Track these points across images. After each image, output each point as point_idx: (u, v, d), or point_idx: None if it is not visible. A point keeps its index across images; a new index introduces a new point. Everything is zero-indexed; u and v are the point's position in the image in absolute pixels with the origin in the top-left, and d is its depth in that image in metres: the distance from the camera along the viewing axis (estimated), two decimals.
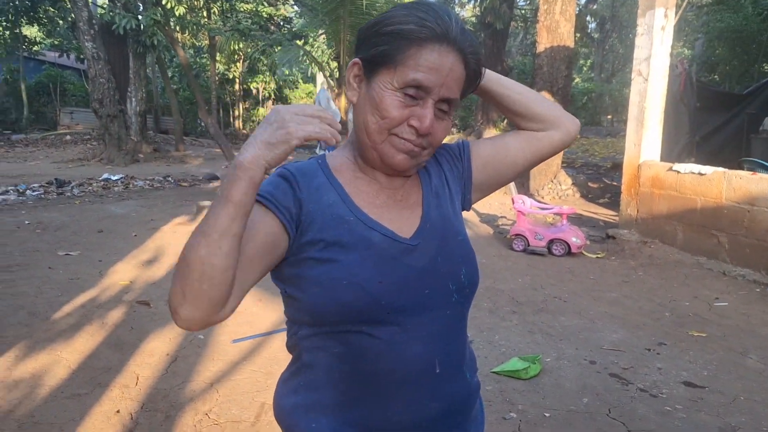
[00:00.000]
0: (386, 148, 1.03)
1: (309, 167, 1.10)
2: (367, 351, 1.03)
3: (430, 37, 0.99)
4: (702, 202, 6.08)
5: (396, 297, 1.02)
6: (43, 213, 8.33)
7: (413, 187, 1.17)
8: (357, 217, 1.05)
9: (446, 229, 1.14)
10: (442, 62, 0.99)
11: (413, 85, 0.99)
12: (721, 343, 4.01)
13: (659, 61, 6.80)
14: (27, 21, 19.07)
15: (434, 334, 1.07)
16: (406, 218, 1.12)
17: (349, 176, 1.11)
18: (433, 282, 1.07)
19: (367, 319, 1.02)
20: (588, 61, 38.97)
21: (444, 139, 1.09)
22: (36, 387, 3.23)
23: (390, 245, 1.05)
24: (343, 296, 1.00)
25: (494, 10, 18.90)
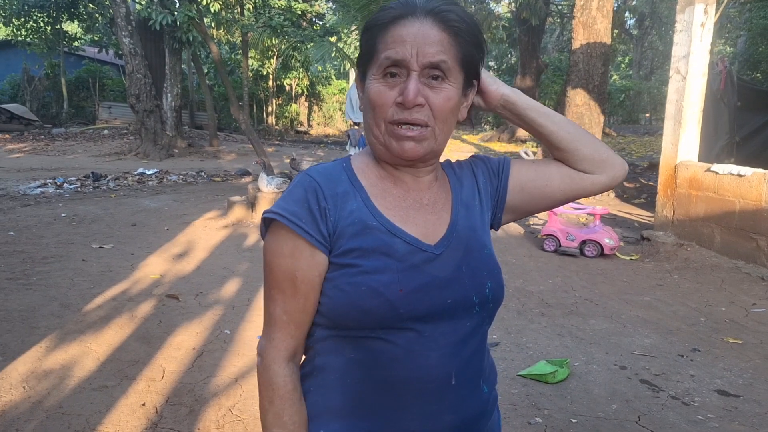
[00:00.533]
0: (390, 142, 1.02)
1: (333, 171, 1.09)
2: (383, 357, 1.01)
3: (395, 17, 1.00)
4: (741, 204, 5.90)
5: (416, 305, 1.00)
6: (79, 206, 8.51)
7: (442, 192, 1.14)
8: (380, 222, 1.03)
9: (472, 241, 1.11)
10: (407, 31, 0.98)
11: (389, 65, 0.99)
12: (757, 351, 3.88)
13: (698, 58, 6.61)
14: (67, 17, 19.48)
15: (452, 345, 1.04)
16: (431, 224, 1.09)
17: (374, 178, 1.09)
18: (456, 292, 1.04)
19: (386, 325, 1.00)
20: (626, 58, 38.29)
21: (451, 109, 1.03)
22: (65, 378, 3.29)
23: (413, 253, 1.03)
24: (363, 302, 0.98)
25: (530, 6, 18.68)
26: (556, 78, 24.42)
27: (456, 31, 1.01)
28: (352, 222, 1.02)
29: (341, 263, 1.01)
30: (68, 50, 24.39)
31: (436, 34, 0.99)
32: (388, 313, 0.99)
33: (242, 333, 3.98)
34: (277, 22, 12.09)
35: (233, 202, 7.82)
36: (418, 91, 0.98)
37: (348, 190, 1.05)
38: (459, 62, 1.02)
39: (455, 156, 6.19)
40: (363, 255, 1.01)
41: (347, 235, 1.02)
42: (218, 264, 5.66)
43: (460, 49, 1.02)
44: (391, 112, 0.99)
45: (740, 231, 5.93)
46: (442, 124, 1.02)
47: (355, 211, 1.03)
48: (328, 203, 1.02)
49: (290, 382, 1.04)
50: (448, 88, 1.01)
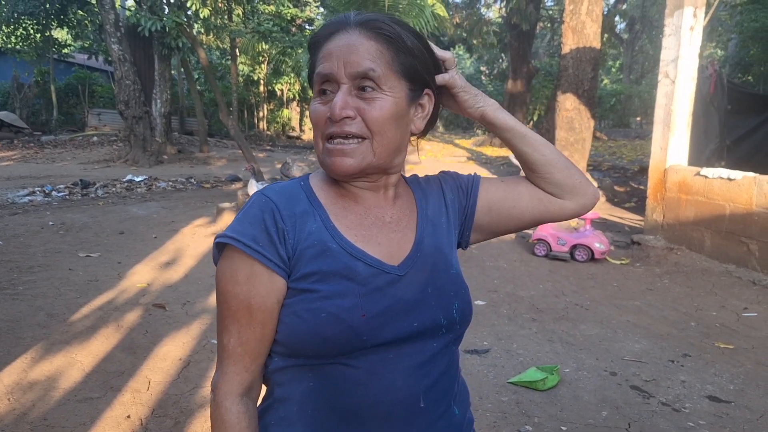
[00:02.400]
0: (325, 159, 0.99)
1: (291, 190, 1.04)
2: (345, 383, 0.96)
3: (326, 35, 0.99)
4: (731, 208, 5.90)
5: (380, 331, 0.95)
6: (67, 214, 8.44)
7: (406, 208, 1.09)
8: (340, 244, 0.98)
9: (439, 260, 1.07)
10: (335, 46, 0.96)
11: (321, 82, 0.97)
12: (748, 356, 3.86)
13: (687, 62, 6.62)
14: (57, 24, 19.38)
15: (419, 366, 0.99)
16: (395, 243, 1.04)
17: (333, 196, 1.04)
18: (422, 315, 1.00)
19: (347, 351, 0.95)
20: (617, 62, 38.47)
21: (389, 120, 0.97)
22: (50, 389, 3.24)
23: (376, 275, 0.98)
24: (323, 329, 0.93)
25: (520, 11, 18.74)
26: (547, 82, 24.52)
27: (387, 39, 0.97)
28: (311, 244, 0.97)
29: (300, 288, 0.96)
30: (58, 57, 24.25)
31: (363, 43, 0.95)
32: (350, 340, 0.94)
33: None
34: (266, 28, 12.07)
35: (222, 208, 7.77)
36: (345, 103, 0.94)
37: (307, 210, 1.00)
38: (395, 70, 0.97)
39: (448, 160, 6.25)
40: (323, 279, 0.95)
41: (306, 258, 0.96)
42: (206, 272, 5.62)
43: (395, 57, 0.97)
44: (325, 128, 0.97)
45: (730, 235, 5.93)
46: (379, 137, 0.96)
47: (314, 232, 0.98)
48: (287, 224, 0.97)
49: (244, 419, 0.97)
50: (383, 97, 0.96)
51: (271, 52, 20.97)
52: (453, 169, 1.23)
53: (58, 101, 23.47)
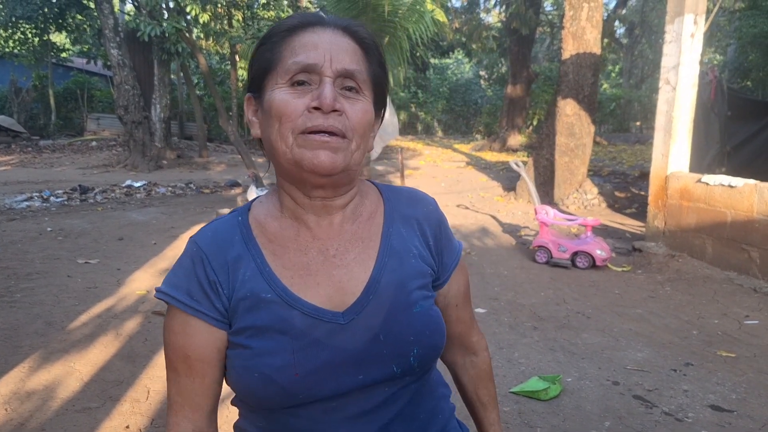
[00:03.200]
0: (301, 152, 0.87)
1: (225, 231, 0.97)
2: (291, 429, 0.94)
3: (301, 24, 0.92)
4: (732, 215, 5.89)
5: (317, 389, 0.90)
6: (66, 220, 8.41)
7: (360, 237, 0.98)
8: (276, 292, 0.91)
9: (398, 300, 0.95)
10: (319, 38, 0.89)
11: (298, 71, 0.88)
12: (751, 365, 3.84)
13: (688, 69, 6.62)
14: (55, 28, 19.38)
15: (366, 413, 0.94)
16: (339, 281, 0.95)
17: (273, 231, 0.97)
18: (370, 368, 0.92)
19: (284, 407, 0.92)
20: (617, 67, 38.53)
21: (368, 124, 0.92)
22: (48, 399, 3.21)
23: (313, 326, 0.91)
24: (254, 388, 0.90)
25: (520, 16, 18.78)
26: (547, 87, 24.53)
27: (366, 47, 0.94)
28: (244, 295, 0.92)
29: (236, 342, 0.92)
30: (56, 61, 24.27)
31: (350, 44, 0.92)
32: (284, 400, 0.90)
33: None
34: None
35: (222, 214, 7.73)
36: (335, 96, 0.87)
37: (241, 254, 0.94)
38: (370, 78, 0.94)
39: (447, 165, 6.22)
40: (256, 334, 0.90)
41: (240, 311, 0.92)
42: None
43: (370, 65, 0.94)
44: (303, 121, 0.86)
45: (732, 242, 5.92)
46: (359, 139, 0.90)
47: (248, 280, 0.92)
48: (219, 276, 0.92)
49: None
50: (363, 101, 0.91)
51: None
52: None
53: (56, 105, 23.46)
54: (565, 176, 10.30)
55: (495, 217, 9.06)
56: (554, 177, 10.42)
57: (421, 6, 10.00)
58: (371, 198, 1.04)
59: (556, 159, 10.33)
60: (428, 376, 1.03)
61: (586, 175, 10.62)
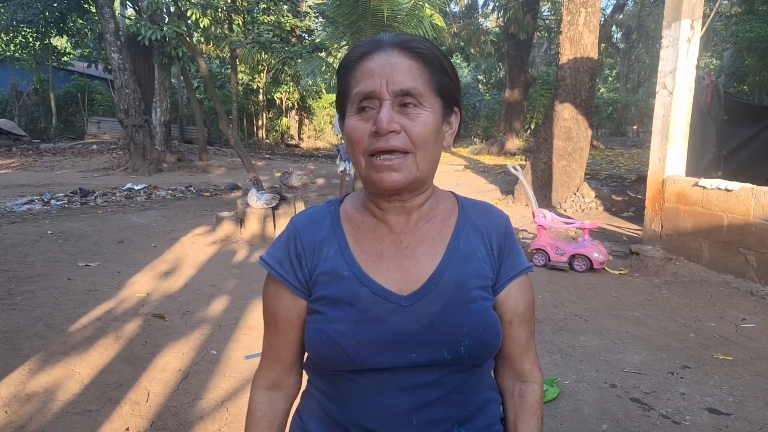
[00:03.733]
0: (371, 174, 1.00)
1: (318, 216, 1.13)
2: (345, 393, 1.06)
3: (363, 54, 1.02)
4: (729, 218, 5.92)
5: (373, 358, 1.01)
6: (66, 223, 8.43)
7: (431, 235, 1.10)
8: (351, 271, 1.05)
9: (457, 294, 1.05)
10: (375, 64, 0.99)
11: (361, 99, 0.99)
12: (748, 368, 3.87)
13: (685, 74, 6.66)
14: (56, 32, 19.39)
15: (415, 388, 1.03)
16: (406, 270, 1.06)
17: (356, 221, 1.11)
18: (423, 348, 1.02)
19: (343, 370, 1.04)
20: (614, 71, 38.62)
21: (430, 134, 1.00)
22: (48, 402, 3.23)
23: (378, 304, 1.03)
24: (321, 348, 1.03)
25: (517, 21, 18.83)
26: (544, 91, 24.60)
27: (424, 59, 1.01)
28: (325, 270, 1.06)
29: (313, 309, 1.07)
30: (57, 65, 24.26)
31: (403, 62, 0.99)
32: (345, 362, 1.02)
33: (229, 353, 3.93)
34: (266, 39, 12.10)
35: (222, 217, 7.77)
36: (391, 118, 0.97)
37: (327, 237, 1.09)
38: (432, 88, 1.01)
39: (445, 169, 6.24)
40: (330, 303, 1.04)
41: (320, 284, 1.06)
42: (206, 281, 5.61)
43: (431, 75, 1.01)
44: (368, 144, 0.99)
45: (728, 245, 5.95)
46: (423, 151, 1.00)
47: (330, 258, 1.07)
48: (305, 251, 1.08)
49: (262, 408, 1.13)
50: (424, 113, 1.00)
51: (270, 61, 21.00)
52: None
53: (57, 109, 23.49)
54: (562, 180, 10.34)
55: None
56: (552, 180, 10.45)
57: (419, 11, 10.06)
58: (447, 204, 1.15)
59: (554, 163, 10.36)
60: (479, 372, 1.10)
61: (584, 179, 10.66)
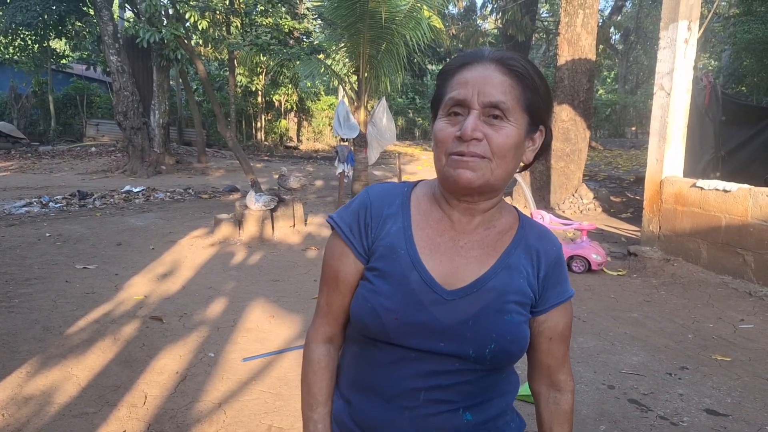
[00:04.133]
0: (448, 171, 1.08)
1: (390, 192, 1.21)
2: (372, 360, 1.15)
3: (462, 64, 1.10)
4: (727, 219, 5.92)
5: (407, 337, 1.10)
6: (64, 225, 8.42)
7: (488, 243, 1.17)
8: (408, 251, 1.13)
9: (495, 303, 1.13)
10: (471, 75, 1.07)
11: (453, 105, 1.07)
12: (746, 368, 3.87)
13: (682, 75, 6.67)
14: (55, 35, 19.38)
15: (431, 372, 1.12)
16: (457, 267, 1.14)
17: (425, 207, 1.19)
18: (452, 342, 1.10)
19: (379, 339, 1.13)
20: (612, 73, 38.67)
21: (510, 147, 1.07)
22: (45, 404, 3.22)
23: (423, 290, 1.11)
24: (364, 316, 1.12)
25: (516, 23, 18.86)
26: None
27: (518, 76, 1.07)
28: (385, 244, 1.14)
29: (366, 277, 1.15)
30: (56, 68, 24.23)
31: (497, 77, 1.06)
32: (381, 334, 1.11)
33: (227, 356, 3.92)
34: (264, 41, 12.10)
35: (220, 219, 7.77)
36: (476, 126, 1.04)
37: (395, 213, 1.18)
38: (521, 105, 1.07)
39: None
40: (381, 276, 1.13)
41: (377, 255, 1.15)
42: (204, 284, 5.61)
43: (523, 93, 1.07)
44: (451, 146, 1.06)
45: (726, 246, 5.95)
46: (500, 160, 1.07)
47: (392, 234, 1.15)
48: (372, 221, 1.17)
49: (323, 360, 1.22)
50: (508, 127, 1.06)
51: (269, 63, 20.99)
52: None
53: (56, 111, 23.45)
54: (561, 181, 10.34)
55: None
56: (550, 182, 10.46)
57: (418, 13, 10.07)
58: (509, 219, 1.22)
59: (552, 164, 10.36)
60: (496, 375, 1.17)
61: (582, 180, 10.66)
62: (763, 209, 5.51)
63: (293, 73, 20.42)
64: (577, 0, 9.92)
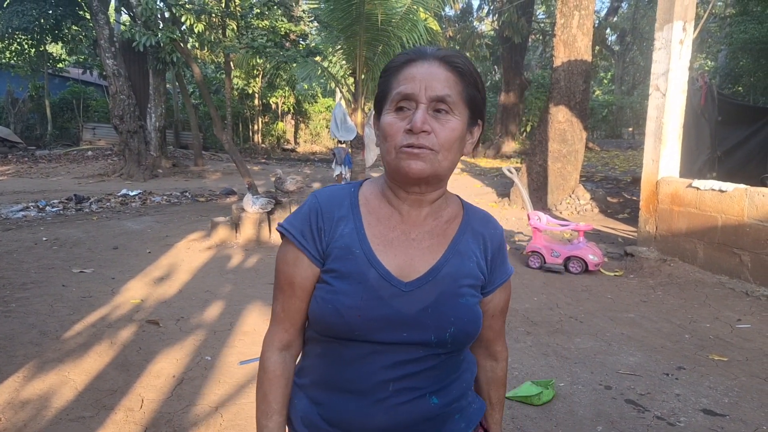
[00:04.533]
0: (400, 163, 1.12)
1: (339, 195, 1.25)
2: (338, 359, 1.18)
3: (407, 60, 1.15)
4: (723, 219, 5.93)
5: (371, 332, 1.14)
6: (61, 229, 8.41)
7: (437, 233, 1.23)
8: (363, 250, 1.17)
9: (450, 288, 1.19)
10: (417, 71, 1.12)
11: (400, 99, 1.12)
12: (743, 368, 3.87)
13: (677, 75, 6.68)
14: (51, 39, 19.36)
15: (398, 362, 1.16)
16: (411, 259, 1.19)
17: (374, 204, 1.23)
18: (414, 330, 1.15)
19: (343, 338, 1.15)
20: (609, 74, 38.72)
21: (455, 139, 1.13)
22: (42, 408, 3.22)
23: (382, 285, 1.15)
24: (327, 317, 1.15)
25: (512, 25, 18.89)
26: (540, 94, 24.65)
27: (461, 73, 1.14)
28: (340, 245, 1.17)
29: (323, 279, 1.18)
30: (52, 72, 24.22)
31: (442, 73, 1.12)
32: (346, 332, 1.14)
33: (223, 359, 3.92)
34: (260, 44, 12.09)
35: (217, 222, 7.76)
36: (424, 119, 1.09)
37: (345, 215, 1.21)
38: (463, 99, 1.14)
39: None
40: (339, 277, 1.16)
41: (333, 257, 1.17)
42: (200, 287, 5.60)
43: (464, 88, 1.14)
44: (401, 139, 1.11)
45: (723, 246, 5.96)
46: (446, 152, 1.12)
47: (345, 235, 1.18)
48: (325, 224, 1.19)
49: (278, 368, 1.22)
50: (453, 120, 1.12)
51: (265, 65, 20.99)
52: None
53: (52, 116, 23.44)
54: (557, 182, 10.35)
55: None
56: (547, 183, 10.47)
57: (414, 15, 10.07)
58: (454, 207, 1.28)
59: (549, 165, 10.38)
60: (459, 355, 1.24)
61: (579, 181, 10.68)
62: (760, 209, 5.53)
63: (290, 76, 20.41)
64: (572, 1, 9.94)
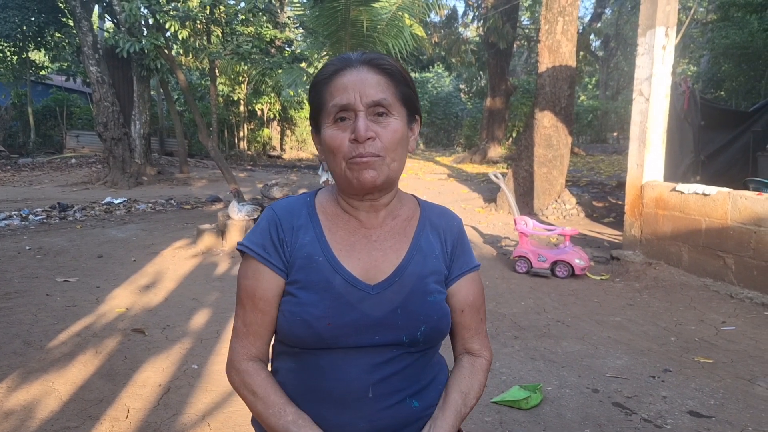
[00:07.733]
0: (350, 174, 1.12)
1: (295, 206, 1.24)
2: (312, 369, 1.16)
3: (335, 71, 1.15)
4: (707, 223, 5.99)
5: (342, 338, 1.13)
6: (44, 238, 8.31)
7: (398, 232, 1.24)
8: (326, 257, 1.17)
9: (417, 287, 1.19)
10: (348, 79, 1.12)
11: (337, 111, 1.12)
12: (728, 370, 3.90)
13: (661, 80, 6.75)
14: (34, 46, 19.23)
15: (374, 365, 1.15)
16: (375, 261, 1.19)
17: (331, 211, 1.23)
18: (386, 331, 1.15)
19: (315, 347, 1.15)
20: (593, 79, 39.03)
21: (399, 140, 1.14)
22: (26, 419, 3.17)
23: (349, 291, 1.15)
24: (296, 329, 1.14)
25: (497, 30, 18.99)
26: (525, 99, 24.80)
27: (390, 74, 1.15)
28: (302, 255, 1.17)
29: (288, 291, 1.17)
30: (35, 79, 24.00)
31: (373, 77, 1.13)
32: (316, 342, 1.13)
33: (210, 367, 3.89)
34: (245, 50, 12.07)
35: (203, 230, 7.71)
36: (367, 127, 1.10)
37: (305, 224, 1.20)
38: (398, 99, 1.16)
39: (429, 178, 6.27)
40: (304, 287, 1.15)
41: (296, 267, 1.17)
42: (186, 295, 5.56)
43: (397, 87, 1.16)
44: (348, 150, 1.11)
45: (707, 249, 6.01)
46: (393, 154, 1.14)
47: (307, 244, 1.18)
48: (286, 235, 1.19)
49: (261, 371, 1.20)
50: (393, 121, 1.14)
51: (251, 72, 20.95)
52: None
53: (35, 123, 23.21)
54: (543, 187, 10.40)
55: (476, 228, 9.12)
56: (533, 188, 10.52)
57: (399, 21, 10.09)
58: (410, 205, 1.30)
59: (535, 170, 10.43)
60: (431, 352, 1.25)
61: (565, 186, 10.73)
62: (743, 212, 5.59)
63: (275, 82, 20.39)
64: (556, 8, 10.02)
